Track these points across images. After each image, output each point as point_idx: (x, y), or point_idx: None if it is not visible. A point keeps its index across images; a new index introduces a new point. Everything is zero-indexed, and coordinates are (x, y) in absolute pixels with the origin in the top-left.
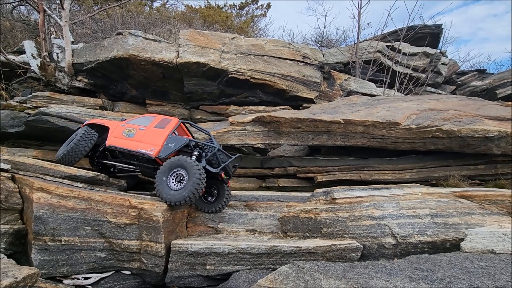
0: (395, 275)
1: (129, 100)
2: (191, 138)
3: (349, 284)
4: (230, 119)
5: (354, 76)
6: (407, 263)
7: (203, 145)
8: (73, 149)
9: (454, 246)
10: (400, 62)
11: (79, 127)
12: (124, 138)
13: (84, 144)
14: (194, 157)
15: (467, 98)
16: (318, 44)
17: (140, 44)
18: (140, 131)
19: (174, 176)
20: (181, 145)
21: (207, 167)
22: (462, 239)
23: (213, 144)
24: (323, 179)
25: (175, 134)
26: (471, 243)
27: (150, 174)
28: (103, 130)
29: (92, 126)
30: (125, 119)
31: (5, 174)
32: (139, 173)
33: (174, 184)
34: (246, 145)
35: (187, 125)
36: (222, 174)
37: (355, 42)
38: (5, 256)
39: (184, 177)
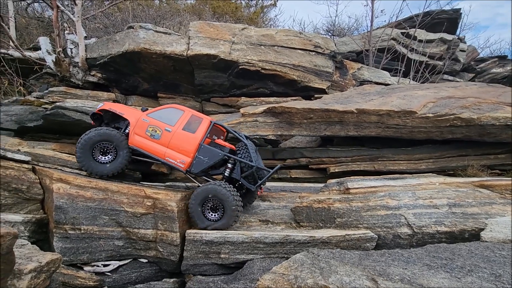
0: (413, 263)
1: (141, 93)
2: (227, 146)
3: (366, 271)
4: (242, 110)
5: (367, 65)
6: (425, 252)
7: (240, 162)
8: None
9: (473, 236)
10: (416, 49)
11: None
12: (149, 139)
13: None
14: (228, 171)
15: (487, 85)
16: (329, 33)
17: (151, 37)
18: (167, 133)
19: (209, 205)
20: (215, 161)
21: (243, 181)
22: (482, 229)
23: (252, 163)
24: (336, 170)
25: (208, 138)
26: (491, 232)
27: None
28: (119, 116)
29: (105, 112)
30: (146, 109)
31: (26, 165)
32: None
33: (210, 214)
34: (257, 137)
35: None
36: (259, 192)
37: (368, 30)
38: (29, 243)
39: (220, 205)
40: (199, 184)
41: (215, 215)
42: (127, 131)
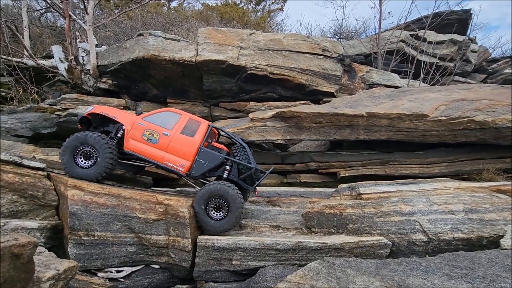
0: (432, 273)
1: (151, 99)
2: (225, 149)
3: (384, 282)
4: (251, 115)
5: (376, 67)
6: (443, 261)
7: (239, 164)
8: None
9: (492, 243)
10: (426, 51)
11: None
12: (146, 143)
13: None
14: (226, 172)
15: (501, 87)
16: (337, 36)
17: (160, 44)
18: (164, 137)
19: (213, 205)
20: (215, 164)
21: (241, 182)
22: (501, 236)
23: (251, 165)
24: (346, 174)
25: (205, 141)
26: (511, 239)
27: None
28: (109, 120)
29: (95, 116)
30: (141, 113)
31: (41, 172)
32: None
33: (214, 213)
34: (266, 141)
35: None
36: (256, 193)
37: (376, 32)
38: (46, 250)
39: (224, 205)
40: (198, 188)
41: (219, 214)
42: (118, 135)
